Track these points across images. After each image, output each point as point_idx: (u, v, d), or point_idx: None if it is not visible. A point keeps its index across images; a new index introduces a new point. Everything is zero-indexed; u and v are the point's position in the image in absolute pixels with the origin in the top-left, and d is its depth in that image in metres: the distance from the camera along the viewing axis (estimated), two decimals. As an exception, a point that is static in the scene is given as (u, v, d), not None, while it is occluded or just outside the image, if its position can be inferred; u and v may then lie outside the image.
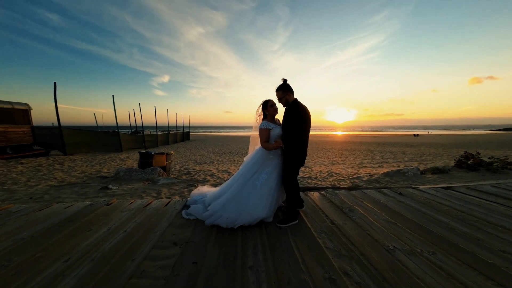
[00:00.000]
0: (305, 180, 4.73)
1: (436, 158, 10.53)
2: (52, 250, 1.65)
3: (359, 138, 30.65)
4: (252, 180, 2.05)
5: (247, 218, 1.94)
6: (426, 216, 2.27)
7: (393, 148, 16.45)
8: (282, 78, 2.09)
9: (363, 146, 18.56)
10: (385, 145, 19.30)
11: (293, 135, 1.97)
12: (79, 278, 1.35)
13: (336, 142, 24.06)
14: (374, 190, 3.13)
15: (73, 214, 2.29)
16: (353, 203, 2.62)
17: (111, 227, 2.03)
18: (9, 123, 9.10)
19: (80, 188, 3.88)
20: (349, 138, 32.83)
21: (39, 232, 1.91)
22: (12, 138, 9.22)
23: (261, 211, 1.97)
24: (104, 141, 13.62)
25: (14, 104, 9.40)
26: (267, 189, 2.03)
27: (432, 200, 2.73)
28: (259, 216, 1.98)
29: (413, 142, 21.76)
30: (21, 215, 2.28)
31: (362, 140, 26.27)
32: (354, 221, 2.14)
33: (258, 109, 2.26)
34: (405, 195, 2.91)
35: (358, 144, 20.13)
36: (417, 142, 21.71)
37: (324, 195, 2.89)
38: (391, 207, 2.51)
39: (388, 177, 4.77)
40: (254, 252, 1.63)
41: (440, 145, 17.75)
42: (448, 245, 1.72)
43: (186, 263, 1.51)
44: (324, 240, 1.79)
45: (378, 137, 33.78)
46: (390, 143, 21.63)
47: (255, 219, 1.97)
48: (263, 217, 2.01)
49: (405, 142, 21.92)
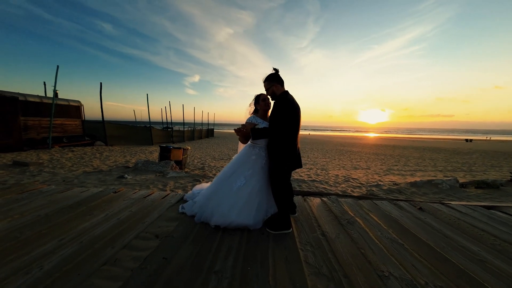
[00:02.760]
0: (313, 184, 4.41)
1: (491, 169, 8.70)
2: (54, 229, 1.87)
3: (393, 141, 27.52)
4: (229, 182, 1.95)
5: (220, 219, 1.86)
6: (447, 240, 1.85)
7: (434, 154, 14.25)
8: (273, 67, 1.92)
9: (397, 150, 16.56)
10: (425, 150, 16.85)
11: (279, 131, 1.79)
12: (63, 258, 1.49)
13: (365, 144, 22.04)
14: (387, 202, 2.71)
15: (84, 199, 2.58)
16: (356, 214, 2.31)
17: (109, 213, 2.20)
18: (65, 117, 10.91)
19: (103, 175, 4.39)
20: (381, 140, 29.74)
21: (52, 212, 2.20)
22: (67, 130, 11.03)
23: (236, 215, 1.84)
24: (139, 135, 15.23)
25: (70, 101, 11.21)
26: (245, 195, 1.89)
27: (463, 221, 2.22)
28: (234, 220, 1.84)
29: (463, 149, 18.47)
30: (47, 195, 2.66)
31: (397, 144, 23.49)
32: (350, 235, 1.88)
33: (251, 103, 2.12)
34: (427, 211, 2.44)
35: (391, 148, 18.05)
36: (468, 149, 18.35)
37: (325, 202, 2.62)
38: (403, 223, 2.13)
39: (415, 187, 4.10)
40: (226, 256, 1.56)
41: (501, 154, 14.59)
42: (469, 283, 1.35)
43: (157, 258, 1.53)
44: (307, 254, 1.61)
45: (418, 141, 29.75)
46: (432, 148, 18.79)
47: (229, 222, 1.85)
48: (243, 223, 1.86)
49: (453, 148, 18.77)
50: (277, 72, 1.90)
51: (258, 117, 2.00)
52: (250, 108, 2.13)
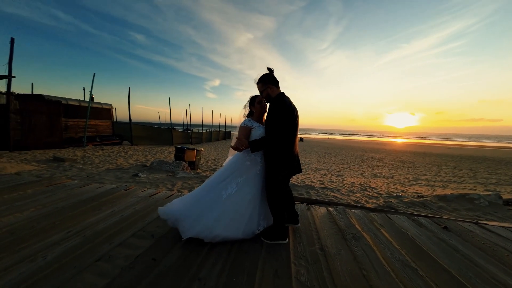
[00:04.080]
0: (323, 191, 4.14)
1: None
2: (65, 221, 2.03)
3: (423, 148, 24.92)
4: (218, 188, 1.76)
5: (204, 232, 1.64)
6: (476, 269, 1.54)
7: (475, 164, 12.48)
8: (267, 67, 1.79)
9: (428, 157, 14.93)
10: (463, 159, 14.86)
11: (275, 135, 1.67)
12: (65, 250, 1.59)
13: (390, 150, 20.34)
14: (405, 217, 2.40)
15: (98, 194, 2.78)
16: (364, 228, 2.08)
17: (115, 210, 2.33)
18: (99, 118, 12.16)
19: (121, 173, 4.73)
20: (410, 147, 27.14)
21: (68, 205, 2.41)
22: (100, 130, 12.27)
23: (223, 229, 1.65)
24: (161, 136, 16.27)
25: (103, 105, 12.50)
26: (235, 204, 1.72)
27: (501, 247, 1.84)
28: (220, 234, 1.64)
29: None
30: (68, 189, 2.94)
31: (428, 150, 21.19)
32: (353, 252, 1.68)
33: (245, 105, 1.98)
34: (454, 231, 2.09)
35: (420, 155, 16.33)
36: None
37: (330, 213, 2.42)
38: (420, 244, 1.85)
39: (444, 201, 3.58)
40: (214, 263, 1.51)
41: None
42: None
43: (147, 258, 1.54)
44: (299, 269, 1.48)
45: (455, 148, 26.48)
46: (472, 157, 16.51)
47: (213, 236, 1.64)
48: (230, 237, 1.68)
49: (500, 158, 16.24)
50: (272, 72, 1.79)
51: (254, 120, 1.89)
52: (245, 110, 1.99)
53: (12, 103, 7.84)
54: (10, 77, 7.79)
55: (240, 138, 1.75)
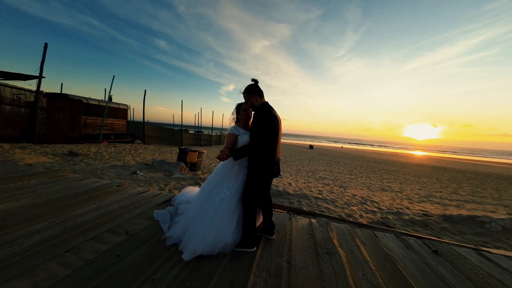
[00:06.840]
0: (316, 202, 3.97)
1: None
2: (53, 212, 2.16)
3: (445, 163, 23.12)
4: (211, 196, 1.83)
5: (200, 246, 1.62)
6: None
7: (503, 183, 11.28)
8: (252, 78, 1.88)
9: (448, 173, 13.80)
10: (489, 177, 13.51)
11: (257, 142, 1.71)
12: (42, 238, 1.69)
13: (405, 163, 19.14)
14: (393, 236, 2.22)
15: (91, 188, 2.93)
16: (342, 244, 1.96)
17: (101, 205, 2.44)
18: (115, 117, 12.97)
19: (122, 170, 4.96)
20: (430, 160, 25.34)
21: (62, 197, 2.57)
22: (115, 128, 13.05)
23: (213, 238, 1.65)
24: (172, 136, 16.90)
25: (119, 105, 13.34)
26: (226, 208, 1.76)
27: (494, 278, 1.63)
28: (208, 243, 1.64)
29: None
30: (67, 182, 3.14)
31: (450, 166, 19.62)
32: (321, 269, 1.58)
33: (233, 112, 2.09)
34: (444, 256, 1.89)
35: (440, 170, 15.15)
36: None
37: (312, 225, 2.32)
38: (401, 267, 1.69)
39: (450, 223, 3.25)
40: (173, 265, 1.51)
41: None
42: None
43: (112, 254, 1.59)
44: (257, 281, 1.42)
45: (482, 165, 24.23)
46: (501, 175, 14.95)
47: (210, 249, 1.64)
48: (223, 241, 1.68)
49: (534, 178, 14.49)
50: (256, 83, 1.87)
51: (240, 127, 1.97)
52: (233, 117, 2.10)
53: (40, 101, 8.66)
54: (41, 77, 8.66)
55: (223, 149, 1.83)
